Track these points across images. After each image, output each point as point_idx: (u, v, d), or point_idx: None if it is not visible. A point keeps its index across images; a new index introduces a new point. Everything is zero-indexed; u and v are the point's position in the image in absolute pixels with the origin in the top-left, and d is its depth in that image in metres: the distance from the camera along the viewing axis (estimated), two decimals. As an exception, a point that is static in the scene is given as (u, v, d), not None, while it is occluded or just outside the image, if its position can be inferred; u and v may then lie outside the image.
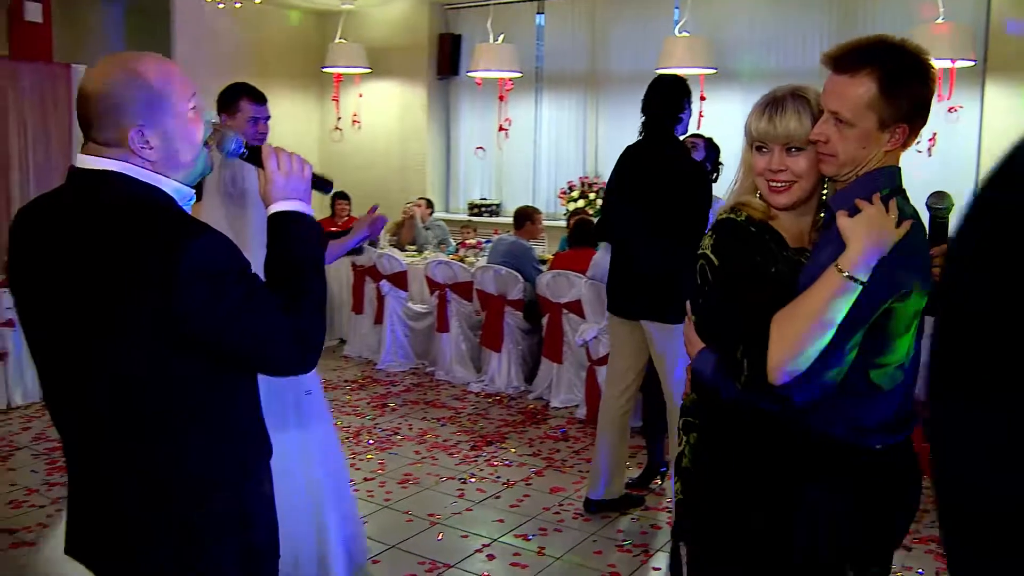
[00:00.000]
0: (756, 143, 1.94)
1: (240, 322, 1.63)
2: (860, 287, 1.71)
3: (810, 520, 1.86)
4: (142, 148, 1.66)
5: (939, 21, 6.52)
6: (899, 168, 1.87)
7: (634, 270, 4.18)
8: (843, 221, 1.75)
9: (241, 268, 1.67)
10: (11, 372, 6.11)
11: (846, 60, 1.80)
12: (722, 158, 5.04)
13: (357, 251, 3.79)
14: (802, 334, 1.72)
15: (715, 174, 4.71)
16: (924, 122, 1.85)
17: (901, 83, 1.76)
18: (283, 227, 1.79)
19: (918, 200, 1.93)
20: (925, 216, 1.95)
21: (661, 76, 4.38)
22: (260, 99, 3.71)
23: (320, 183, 1.95)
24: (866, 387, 1.83)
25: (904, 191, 1.87)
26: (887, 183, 1.82)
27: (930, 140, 6.80)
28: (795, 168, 1.89)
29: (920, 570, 3.88)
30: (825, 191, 1.95)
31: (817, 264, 1.78)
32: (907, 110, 1.78)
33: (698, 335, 1.99)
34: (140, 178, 1.68)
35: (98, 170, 1.68)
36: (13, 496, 4.56)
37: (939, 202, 1.85)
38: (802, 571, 1.88)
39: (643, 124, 4.21)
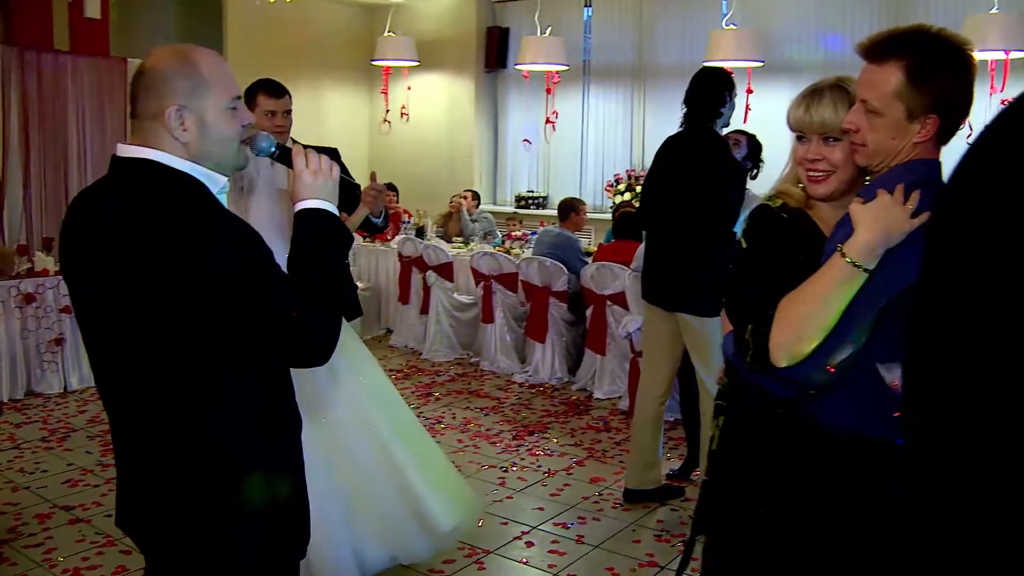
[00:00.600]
0: (796, 133, 1.97)
1: (257, 300, 1.67)
2: (865, 274, 1.70)
3: (819, 515, 1.86)
4: (177, 127, 1.73)
5: (993, 11, 6.40)
6: (937, 161, 1.83)
7: (666, 261, 4.21)
8: (854, 207, 1.75)
9: (265, 256, 1.72)
10: (68, 357, 6.30)
11: (876, 49, 1.79)
12: (765, 155, 5.01)
13: (374, 228, 3.87)
14: (802, 316, 1.73)
15: (755, 171, 4.67)
16: (961, 115, 1.80)
17: (929, 73, 1.74)
18: (308, 224, 1.83)
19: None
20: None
21: (705, 68, 4.37)
22: (276, 93, 3.85)
23: (348, 186, 2.00)
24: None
25: (940, 184, 1.81)
26: (919, 175, 1.78)
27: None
28: (831, 158, 1.91)
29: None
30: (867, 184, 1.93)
31: (830, 246, 1.78)
32: (937, 101, 1.75)
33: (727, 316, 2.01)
34: (174, 165, 1.74)
35: (136, 158, 1.75)
36: (69, 475, 4.72)
37: None
38: (812, 568, 1.89)
39: (684, 116, 4.22)
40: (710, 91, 4.15)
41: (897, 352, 1.73)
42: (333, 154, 4.00)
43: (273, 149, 1.93)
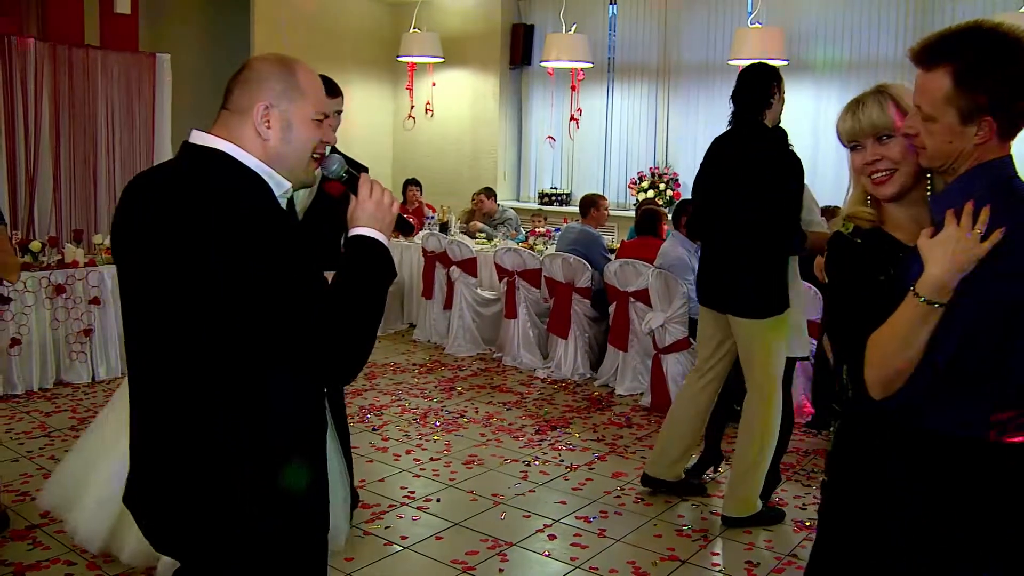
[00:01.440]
0: (850, 144, 1.97)
1: (272, 293, 1.68)
2: (941, 308, 1.70)
3: (929, 517, 1.85)
4: (261, 123, 1.81)
5: (1022, 11, 6.37)
6: (1005, 158, 1.79)
7: (721, 263, 4.17)
8: (922, 241, 1.73)
9: (288, 248, 1.73)
10: (96, 348, 6.39)
11: (925, 54, 1.78)
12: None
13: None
14: (888, 355, 1.76)
15: None
16: (1021, 112, 1.76)
17: (977, 76, 1.72)
18: (359, 250, 1.86)
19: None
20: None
21: (750, 65, 4.31)
22: (333, 92, 3.76)
23: (403, 224, 2.04)
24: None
25: (1012, 182, 1.79)
26: (987, 181, 1.76)
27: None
28: (890, 155, 1.91)
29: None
30: (929, 184, 1.92)
31: (910, 276, 1.76)
32: (989, 103, 1.72)
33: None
34: (242, 160, 1.80)
35: (207, 147, 1.81)
36: (99, 464, 4.80)
37: None
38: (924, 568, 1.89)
39: (731, 114, 4.21)
40: (756, 85, 4.09)
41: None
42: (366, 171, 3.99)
43: (343, 174, 1.98)
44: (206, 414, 1.77)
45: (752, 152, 4.05)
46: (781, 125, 4.14)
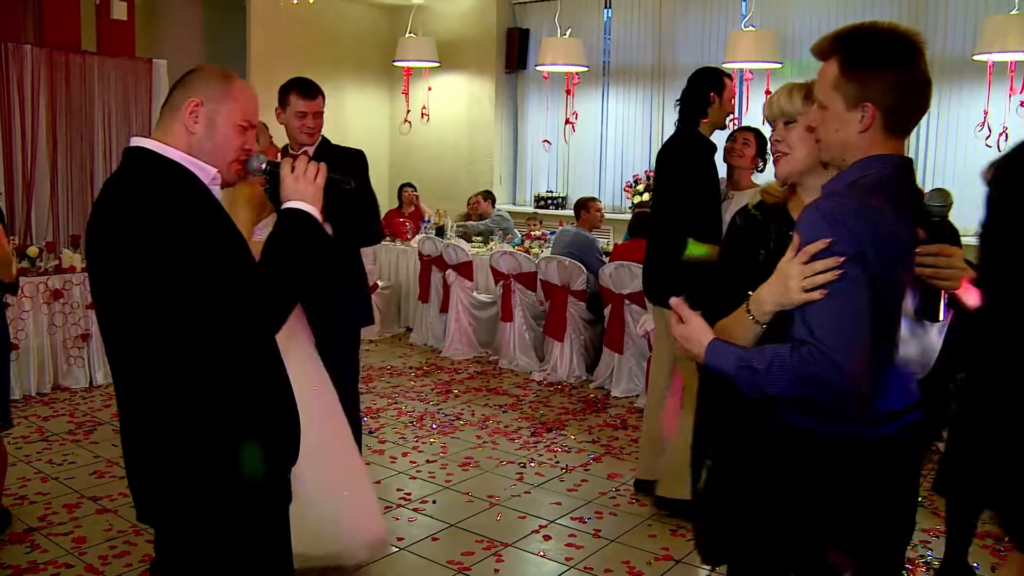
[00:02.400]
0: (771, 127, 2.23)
1: (195, 275, 1.85)
2: (761, 327, 1.82)
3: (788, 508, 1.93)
4: (189, 116, 1.97)
5: (1014, 12, 6.40)
6: (891, 156, 1.83)
7: (646, 259, 4.51)
8: (782, 263, 1.79)
9: (227, 247, 1.91)
10: (94, 353, 6.42)
11: (821, 47, 1.89)
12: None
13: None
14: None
15: (763, 165, 4.61)
16: (906, 104, 1.82)
17: (860, 63, 1.80)
18: (283, 221, 2.03)
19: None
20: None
21: (699, 68, 4.40)
22: (309, 94, 3.86)
23: (336, 183, 2.15)
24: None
25: (892, 180, 1.82)
26: (862, 172, 1.82)
27: (1001, 135, 6.69)
28: (788, 139, 2.15)
29: (976, 564, 3.87)
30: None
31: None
32: (872, 90, 1.79)
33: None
34: (167, 154, 1.97)
35: (136, 147, 2.00)
36: (96, 467, 4.83)
37: (935, 200, 1.82)
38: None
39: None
40: (695, 91, 4.22)
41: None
42: (358, 156, 4.04)
43: (264, 167, 2.12)
44: (164, 405, 1.95)
45: (661, 158, 4.38)
46: (708, 137, 4.27)
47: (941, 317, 1.84)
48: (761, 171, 4.57)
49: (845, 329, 1.67)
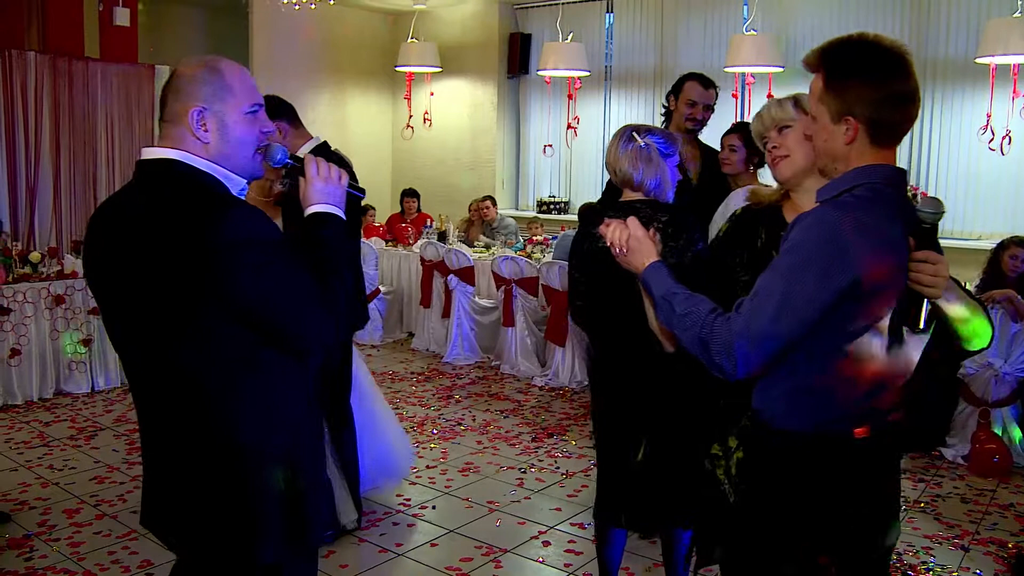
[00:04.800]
0: (762, 141, 2.31)
1: (274, 284, 1.76)
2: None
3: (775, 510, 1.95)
4: (198, 128, 1.84)
5: (1016, 15, 6.39)
6: (880, 167, 1.84)
7: None
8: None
9: (275, 239, 1.81)
10: (96, 358, 6.43)
11: (809, 61, 1.91)
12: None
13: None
14: None
15: (758, 160, 4.51)
16: (890, 115, 1.82)
17: (839, 78, 1.82)
18: (318, 226, 1.96)
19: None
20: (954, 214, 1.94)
21: None
22: (272, 113, 3.90)
23: (355, 190, 2.12)
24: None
25: (884, 189, 1.81)
26: (854, 182, 1.82)
27: (1004, 138, 6.67)
28: (786, 143, 2.23)
29: (979, 571, 3.86)
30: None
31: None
32: (852, 104, 1.80)
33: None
34: (194, 164, 1.85)
35: (158, 159, 1.86)
36: (97, 472, 4.83)
37: (927, 207, 1.82)
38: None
39: None
40: (668, 96, 4.54)
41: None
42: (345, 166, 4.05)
43: (287, 159, 2.02)
44: (210, 414, 1.84)
45: None
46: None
47: (922, 326, 1.83)
48: (761, 167, 4.47)
49: (765, 326, 1.74)
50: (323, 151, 4.02)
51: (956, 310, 1.88)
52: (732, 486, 2.29)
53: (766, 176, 4.54)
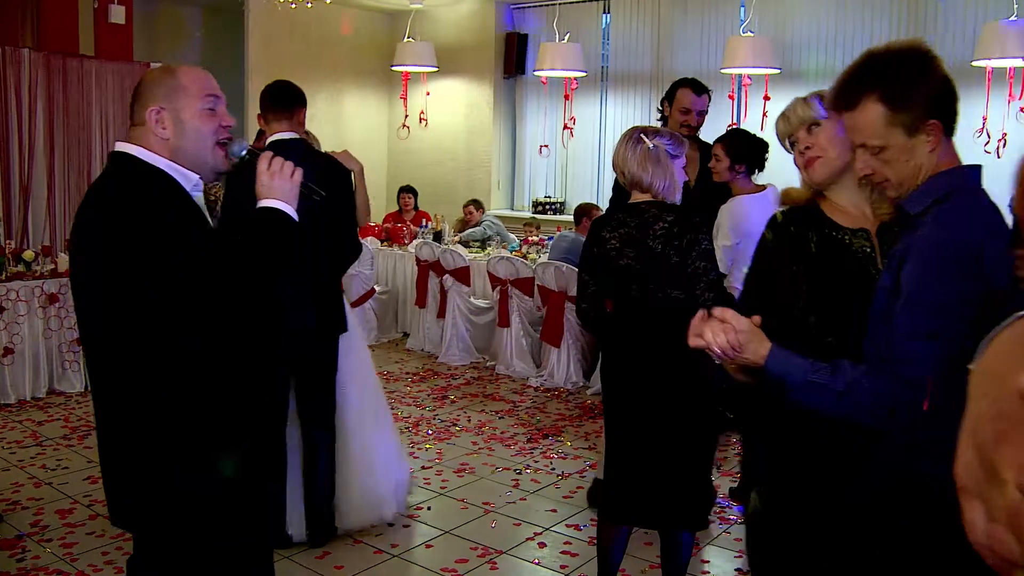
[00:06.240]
0: (789, 142, 2.19)
1: (169, 281, 1.86)
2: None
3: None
4: (156, 126, 1.99)
5: (1012, 18, 6.39)
6: (964, 168, 1.81)
7: None
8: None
9: (180, 239, 1.90)
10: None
11: (842, 97, 1.82)
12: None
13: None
14: None
15: (745, 167, 4.41)
16: (952, 104, 1.81)
17: (905, 90, 1.76)
18: (260, 219, 2.03)
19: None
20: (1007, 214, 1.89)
21: None
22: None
23: (309, 190, 2.15)
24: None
25: (971, 190, 1.80)
26: (949, 187, 1.78)
27: (1000, 141, 6.68)
28: (818, 142, 2.10)
29: None
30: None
31: (882, 285, 1.79)
32: (926, 107, 1.76)
33: None
34: (147, 159, 1.99)
35: (119, 152, 2.03)
36: (90, 472, 4.80)
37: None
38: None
39: None
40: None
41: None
42: (345, 176, 3.92)
43: (244, 153, 2.11)
44: (139, 412, 1.97)
45: None
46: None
47: None
48: (749, 173, 4.40)
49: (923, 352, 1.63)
50: (281, 147, 3.90)
51: None
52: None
53: (760, 180, 4.55)
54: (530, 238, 8.26)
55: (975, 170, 1.83)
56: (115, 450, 2.02)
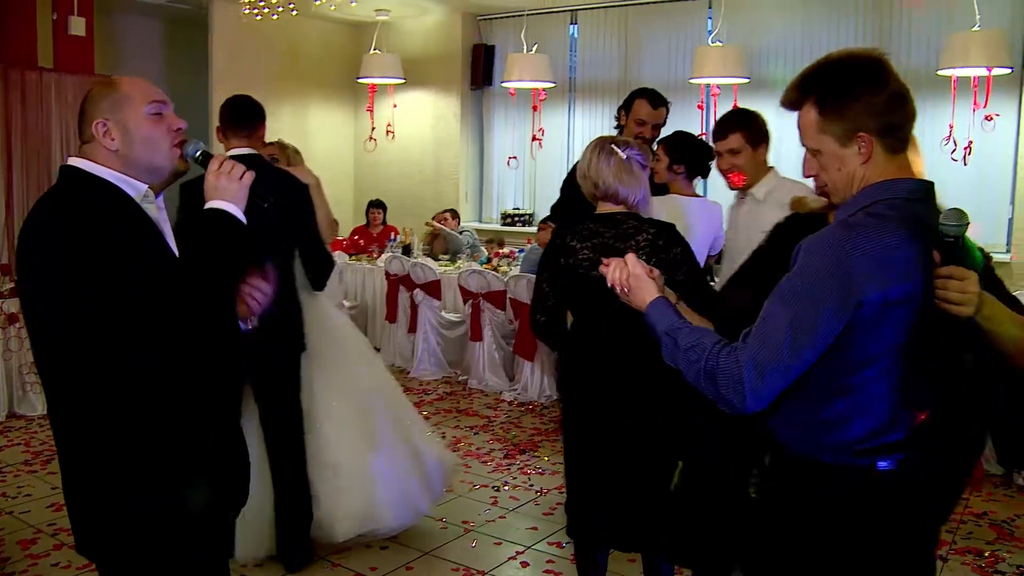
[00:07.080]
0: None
1: (108, 295, 1.82)
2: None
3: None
4: (104, 137, 1.97)
5: (975, 28, 6.47)
6: (900, 182, 1.78)
7: None
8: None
9: (149, 250, 1.90)
10: (52, 378, 6.22)
11: (790, 98, 1.85)
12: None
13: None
14: None
15: (685, 170, 4.30)
16: (895, 118, 1.78)
17: (836, 98, 1.77)
18: (205, 220, 2.02)
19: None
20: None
21: None
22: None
23: (257, 195, 2.12)
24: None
25: (896, 204, 1.75)
26: (873, 198, 1.76)
27: (965, 149, 6.74)
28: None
29: (958, 582, 3.84)
30: None
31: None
32: (860, 119, 1.75)
33: None
34: (92, 171, 1.97)
35: (66, 165, 2.01)
36: (54, 499, 4.60)
37: (950, 220, 1.68)
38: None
39: None
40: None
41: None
42: (300, 189, 3.84)
43: (198, 154, 2.12)
44: (98, 435, 1.92)
45: None
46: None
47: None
48: (689, 176, 4.26)
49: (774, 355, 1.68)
50: (243, 160, 3.81)
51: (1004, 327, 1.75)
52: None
53: (703, 186, 4.46)
54: (500, 251, 8.20)
55: (912, 184, 1.80)
56: (73, 472, 1.98)
